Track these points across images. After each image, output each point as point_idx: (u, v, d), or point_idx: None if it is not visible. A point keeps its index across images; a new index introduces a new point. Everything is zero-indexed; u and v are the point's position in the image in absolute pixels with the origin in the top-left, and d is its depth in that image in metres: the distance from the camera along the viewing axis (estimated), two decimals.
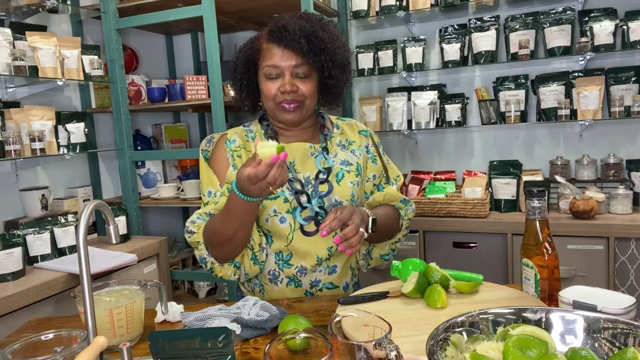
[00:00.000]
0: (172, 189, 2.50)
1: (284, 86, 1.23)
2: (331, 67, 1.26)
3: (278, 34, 1.22)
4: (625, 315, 0.83)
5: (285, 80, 1.24)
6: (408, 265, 1.16)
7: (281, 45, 1.22)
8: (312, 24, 1.24)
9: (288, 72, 1.24)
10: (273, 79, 1.25)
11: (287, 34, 1.21)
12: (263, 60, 1.26)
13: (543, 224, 1.05)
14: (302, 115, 1.29)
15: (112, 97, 2.40)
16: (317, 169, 1.30)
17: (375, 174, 1.40)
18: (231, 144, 1.33)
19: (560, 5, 2.50)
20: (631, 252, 2.12)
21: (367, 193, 1.40)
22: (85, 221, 0.84)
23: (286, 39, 1.21)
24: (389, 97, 2.80)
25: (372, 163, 1.40)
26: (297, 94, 1.25)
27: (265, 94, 1.27)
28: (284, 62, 1.23)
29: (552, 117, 2.52)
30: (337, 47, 1.27)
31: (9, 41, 1.92)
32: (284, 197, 1.26)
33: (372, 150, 1.42)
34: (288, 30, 1.21)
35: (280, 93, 1.24)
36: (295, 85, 1.24)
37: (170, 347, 0.77)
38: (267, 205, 1.26)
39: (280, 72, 1.24)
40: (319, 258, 1.28)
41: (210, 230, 1.23)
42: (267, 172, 1.05)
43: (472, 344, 0.71)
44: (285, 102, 1.25)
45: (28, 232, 1.87)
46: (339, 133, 1.40)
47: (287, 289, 1.31)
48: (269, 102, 1.27)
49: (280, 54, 1.23)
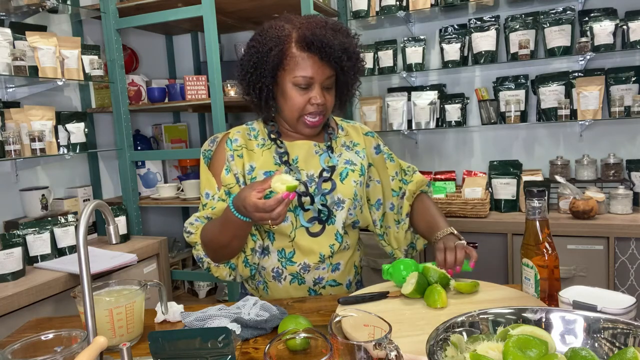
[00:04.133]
0: (172, 189, 2.50)
1: (316, 98, 1.23)
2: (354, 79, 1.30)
3: (319, 47, 1.19)
4: (625, 315, 0.83)
5: (316, 91, 1.23)
6: (399, 266, 1.15)
7: (320, 58, 1.21)
8: (348, 37, 1.26)
9: (319, 83, 1.23)
10: (302, 89, 1.24)
11: (330, 50, 1.20)
12: (294, 68, 1.22)
13: (543, 224, 1.05)
14: (320, 128, 1.32)
15: (112, 97, 2.40)
16: (321, 167, 1.31)
17: (397, 170, 1.44)
18: (233, 143, 1.32)
19: (560, 5, 2.50)
20: (631, 252, 2.12)
21: (396, 190, 1.43)
22: (85, 221, 0.84)
23: (328, 54, 1.20)
24: (389, 97, 2.80)
25: (391, 161, 1.44)
26: (324, 106, 1.25)
27: (292, 104, 1.25)
28: (319, 75, 1.22)
29: (552, 117, 2.52)
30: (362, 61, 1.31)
31: (9, 41, 1.92)
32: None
33: (386, 149, 1.45)
34: (329, 45, 1.19)
35: (309, 105, 1.24)
36: (323, 97, 1.24)
37: (170, 347, 0.77)
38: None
39: (311, 83, 1.23)
40: (321, 255, 1.28)
41: (206, 235, 1.26)
42: (274, 207, 1.06)
43: (472, 344, 0.71)
44: (311, 114, 1.25)
45: (28, 232, 1.87)
46: (344, 134, 1.41)
47: (291, 286, 1.31)
48: (294, 112, 1.26)
49: (316, 65, 1.21)
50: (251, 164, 1.30)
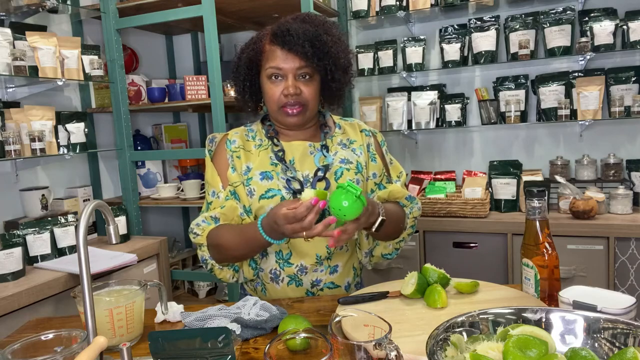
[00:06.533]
0: (172, 189, 2.50)
1: (287, 89, 1.23)
2: (334, 70, 1.26)
3: (282, 37, 1.22)
4: (625, 315, 0.83)
5: (288, 82, 1.23)
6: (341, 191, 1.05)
7: (285, 48, 1.22)
8: (315, 27, 1.24)
9: (291, 74, 1.24)
10: (276, 81, 1.25)
11: (291, 37, 1.21)
12: (266, 61, 1.26)
13: (543, 224, 1.05)
14: (304, 118, 1.29)
15: (112, 97, 2.40)
16: (316, 167, 1.30)
17: (376, 172, 1.39)
18: (231, 144, 1.33)
19: (560, 5, 2.50)
20: (631, 252, 2.12)
21: (368, 192, 1.39)
22: (85, 221, 0.84)
23: (290, 43, 1.21)
24: (389, 97, 2.80)
25: (372, 161, 1.39)
26: (300, 97, 1.25)
27: (269, 97, 1.27)
28: (287, 65, 1.23)
29: (552, 117, 2.52)
30: (340, 50, 1.28)
31: (9, 41, 1.92)
32: (281, 195, 1.26)
33: (373, 149, 1.41)
34: (292, 34, 1.21)
35: (283, 96, 1.24)
36: (298, 88, 1.24)
37: (170, 347, 0.77)
38: (264, 205, 1.26)
39: (284, 74, 1.24)
40: (318, 256, 1.28)
41: (217, 241, 1.25)
42: (305, 214, 1.05)
43: (472, 344, 0.71)
44: (289, 105, 1.25)
45: (28, 232, 1.87)
46: (341, 132, 1.40)
47: (288, 288, 1.31)
48: (272, 105, 1.27)
49: (283, 56, 1.23)
50: (248, 164, 1.31)
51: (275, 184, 1.27)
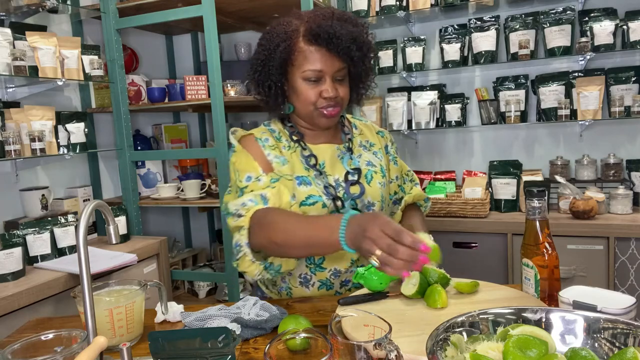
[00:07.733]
0: (172, 189, 2.50)
1: (327, 91, 1.20)
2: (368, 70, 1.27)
3: (326, 39, 1.15)
4: (625, 315, 0.83)
5: (327, 84, 1.20)
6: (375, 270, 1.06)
7: (330, 50, 1.17)
8: (357, 27, 1.21)
9: (329, 76, 1.20)
10: (312, 83, 1.20)
11: (337, 40, 1.16)
12: (303, 62, 1.19)
13: (543, 224, 1.05)
14: (338, 118, 1.28)
15: (112, 97, 2.40)
16: (345, 170, 1.28)
17: (397, 174, 1.41)
18: (264, 142, 1.27)
19: (560, 5, 2.50)
20: (631, 252, 2.12)
21: (391, 194, 1.41)
22: (85, 221, 0.84)
23: (335, 45, 1.16)
24: (389, 97, 2.80)
25: (394, 164, 1.41)
26: (337, 98, 1.22)
27: (304, 98, 1.21)
28: (329, 67, 1.19)
29: (552, 117, 2.52)
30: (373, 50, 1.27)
31: (9, 41, 1.92)
32: (322, 202, 1.22)
33: (392, 151, 1.42)
34: (337, 35, 1.16)
35: (322, 98, 1.21)
36: (336, 90, 1.21)
37: (170, 347, 0.77)
38: (306, 211, 1.21)
39: (322, 76, 1.20)
40: (352, 260, 1.27)
41: (270, 221, 1.10)
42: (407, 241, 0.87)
43: (472, 344, 0.71)
44: (328, 107, 1.21)
45: (28, 232, 1.87)
46: (359, 133, 1.39)
47: (319, 292, 1.28)
48: (308, 106, 1.22)
49: (324, 58, 1.18)
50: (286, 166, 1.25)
51: (314, 190, 1.22)
